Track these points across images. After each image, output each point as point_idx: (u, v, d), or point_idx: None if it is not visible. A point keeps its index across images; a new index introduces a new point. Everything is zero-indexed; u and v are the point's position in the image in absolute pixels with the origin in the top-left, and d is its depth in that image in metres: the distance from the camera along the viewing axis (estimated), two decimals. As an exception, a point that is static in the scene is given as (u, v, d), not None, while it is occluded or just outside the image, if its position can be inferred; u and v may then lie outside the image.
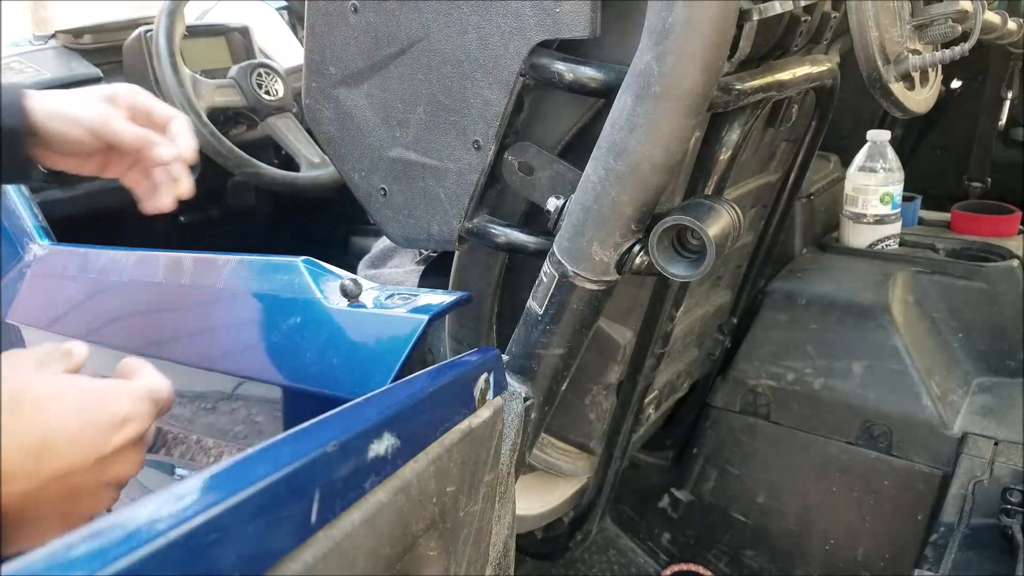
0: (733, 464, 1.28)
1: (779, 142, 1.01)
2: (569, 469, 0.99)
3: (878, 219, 1.40)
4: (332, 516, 0.40)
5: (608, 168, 0.56)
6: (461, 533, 0.56)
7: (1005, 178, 1.67)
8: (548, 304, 0.64)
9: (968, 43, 0.75)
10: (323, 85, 0.76)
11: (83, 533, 0.31)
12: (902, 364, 1.17)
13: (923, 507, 1.12)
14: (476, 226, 0.74)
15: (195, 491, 0.34)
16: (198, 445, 0.71)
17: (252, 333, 0.80)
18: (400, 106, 0.73)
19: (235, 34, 1.56)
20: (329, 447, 0.40)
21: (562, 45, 0.66)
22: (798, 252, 1.44)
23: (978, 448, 1.09)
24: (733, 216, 0.60)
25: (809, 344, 1.24)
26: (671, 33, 0.50)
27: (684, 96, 0.52)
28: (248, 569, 0.35)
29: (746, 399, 1.27)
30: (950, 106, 1.74)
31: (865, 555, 1.17)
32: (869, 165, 1.38)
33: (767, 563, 1.25)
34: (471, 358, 0.59)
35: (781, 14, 0.66)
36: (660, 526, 1.35)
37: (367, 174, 0.78)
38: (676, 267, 0.59)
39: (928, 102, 0.80)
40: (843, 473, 1.18)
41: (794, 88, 0.82)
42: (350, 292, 0.74)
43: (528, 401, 0.67)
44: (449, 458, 0.52)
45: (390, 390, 0.51)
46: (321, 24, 0.74)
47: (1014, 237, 1.43)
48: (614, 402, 0.96)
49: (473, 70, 0.68)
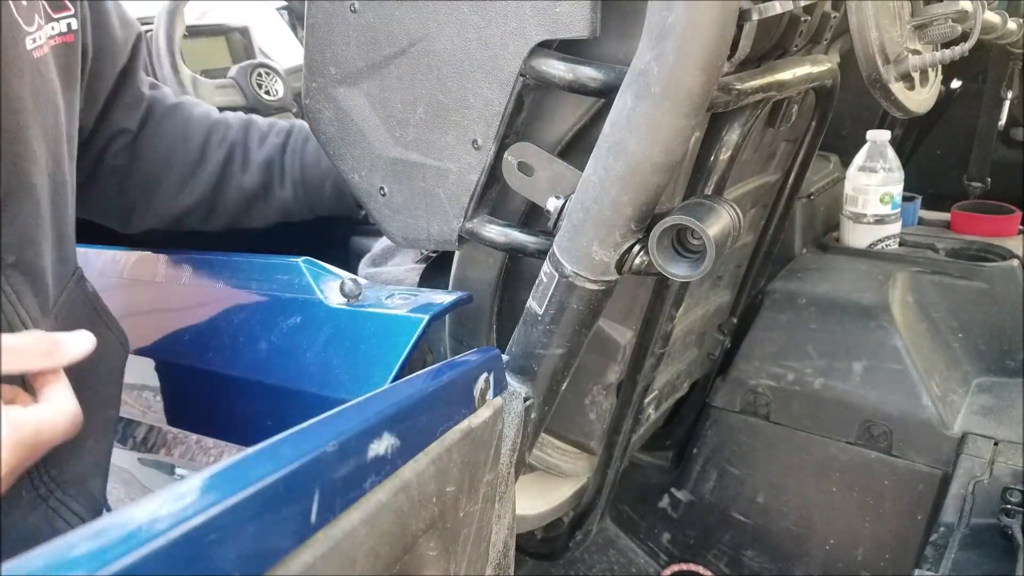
0: (733, 464, 1.28)
1: (779, 142, 1.01)
2: (569, 469, 0.99)
3: (878, 219, 1.40)
4: (332, 516, 0.40)
5: (608, 168, 0.56)
6: (461, 533, 0.56)
7: (1005, 178, 1.67)
8: (548, 304, 0.64)
9: (968, 43, 0.75)
10: (323, 85, 0.76)
11: (83, 533, 0.31)
12: (902, 364, 1.17)
13: (923, 507, 1.12)
14: (476, 226, 0.74)
15: (195, 491, 0.34)
16: (198, 445, 0.71)
17: (252, 333, 0.80)
18: (400, 106, 0.73)
19: (235, 34, 1.56)
20: (329, 447, 0.40)
21: (562, 45, 0.65)
22: (798, 252, 1.44)
23: (978, 448, 1.09)
24: (733, 216, 0.60)
25: (809, 344, 1.24)
26: (671, 33, 0.50)
27: (684, 96, 0.52)
28: (248, 569, 0.34)
29: (746, 399, 1.27)
30: (950, 106, 1.74)
31: (865, 555, 1.17)
32: (869, 165, 1.38)
33: (767, 563, 1.25)
34: (471, 358, 0.59)
35: (781, 14, 0.66)
36: (660, 526, 1.35)
37: (367, 174, 0.78)
38: (676, 267, 0.59)
39: (928, 102, 0.80)
40: (843, 473, 1.18)
41: (794, 88, 0.82)
42: (350, 292, 0.75)
43: (528, 401, 0.67)
44: (449, 458, 0.52)
45: (390, 390, 0.51)
46: (321, 24, 0.74)
47: (1014, 237, 1.43)
48: (614, 402, 0.96)
49: (473, 70, 0.68)
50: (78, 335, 0.53)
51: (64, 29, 0.68)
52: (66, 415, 0.49)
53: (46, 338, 0.51)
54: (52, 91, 0.66)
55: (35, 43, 0.63)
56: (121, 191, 0.89)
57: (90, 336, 0.53)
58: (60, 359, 0.51)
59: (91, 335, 0.53)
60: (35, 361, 0.50)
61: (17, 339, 0.50)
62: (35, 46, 0.63)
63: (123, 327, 0.79)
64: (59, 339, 0.52)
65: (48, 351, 0.51)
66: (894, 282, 1.27)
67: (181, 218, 0.93)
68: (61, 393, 0.50)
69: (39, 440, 0.46)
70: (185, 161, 0.89)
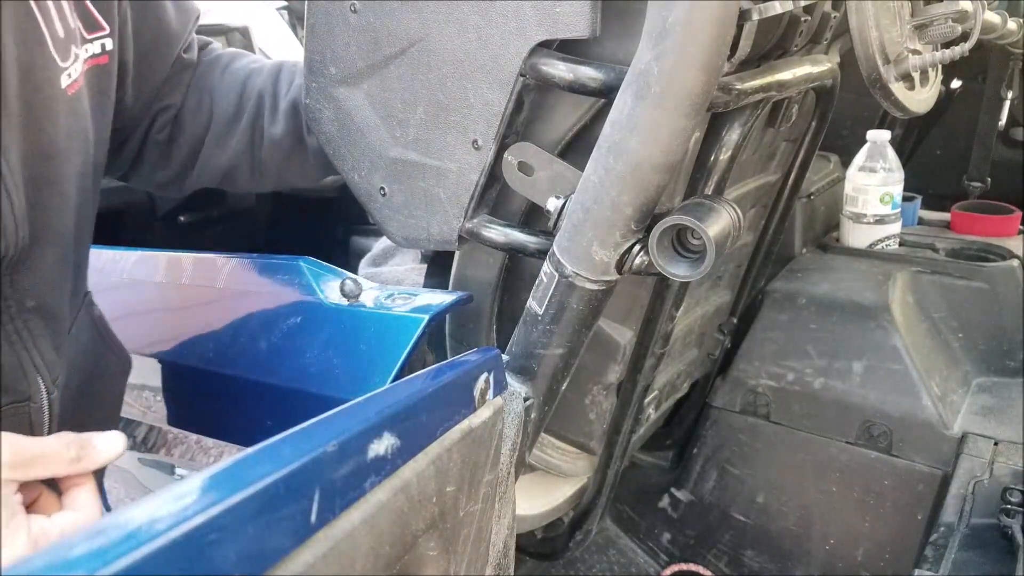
0: (733, 464, 1.28)
1: (779, 142, 1.01)
2: (569, 469, 0.99)
3: (878, 219, 1.40)
4: (332, 516, 0.40)
5: (608, 168, 0.56)
6: (461, 533, 0.56)
7: (1005, 178, 1.67)
8: (548, 304, 0.64)
9: (968, 43, 0.75)
10: (323, 85, 0.76)
11: (83, 533, 0.31)
12: (902, 364, 1.17)
13: (923, 507, 1.12)
14: (476, 226, 0.74)
15: (195, 491, 0.34)
16: (198, 445, 0.71)
17: (252, 333, 0.80)
18: (400, 106, 0.73)
19: (235, 34, 1.57)
20: (329, 447, 0.40)
21: (562, 45, 0.66)
22: (798, 252, 1.44)
23: (978, 448, 1.09)
24: (733, 216, 0.60)
25: (809, 344, 1.24)
26: (671, 33, 0.50)
27: (684, 96, 0.52)
28: (248, 569, 0.34)
29: (746, 399, 1.27)
30: (950, 106, 1.74)
31: (865, 555, 1.17)
32: (869, 165, 1.38)
33: (767, 563, 1.25)
34: (471, 358, 0.59)
35: (781, 14, 0.66)
36: (660, 526, 1.35)
37: (367, 174, 0.78)
38: (676, 267, 0.59)
39: (928, 102, 0.80)
40: (843, 473, 1.18)
41: (794, 88, 0.82)
42: (350, 292, 0.75)
43: (528, 401, 0.67)
44: (449, 458, 0.52)
45: (390, 390, 0.51)
46: (321, 24, 0.74)
47: (1014, 237, 1.43)
48: (614, 402, 0.96)
49: (473, 70, 0.68)
50: (108, 437, 0.51)
51: (98, 50, 0.66)
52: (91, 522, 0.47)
53: (76, 442, 0.49)
54: (84, 127, 0.65)
55: (70, 78, 0.61)
56: (166, 161, 0.86)
57: (120, 437, 0.51)
58: (89, 465, 0.49)
59: (121, 436, 0.51)
60: (64, 468, 0.48)
61: (47, 444, 0.48)
62: (70, 82, 0.61)
63: (123, 327, 0.79)
64: (89, 443, 0.50)
65: (77, 457, 0.48)
66: (894, 282, 1.27)
67: (230, 175, 0.88)
68: (87, 499, 0.48)
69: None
70: (222, 120, 0.86)
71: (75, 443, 0.49)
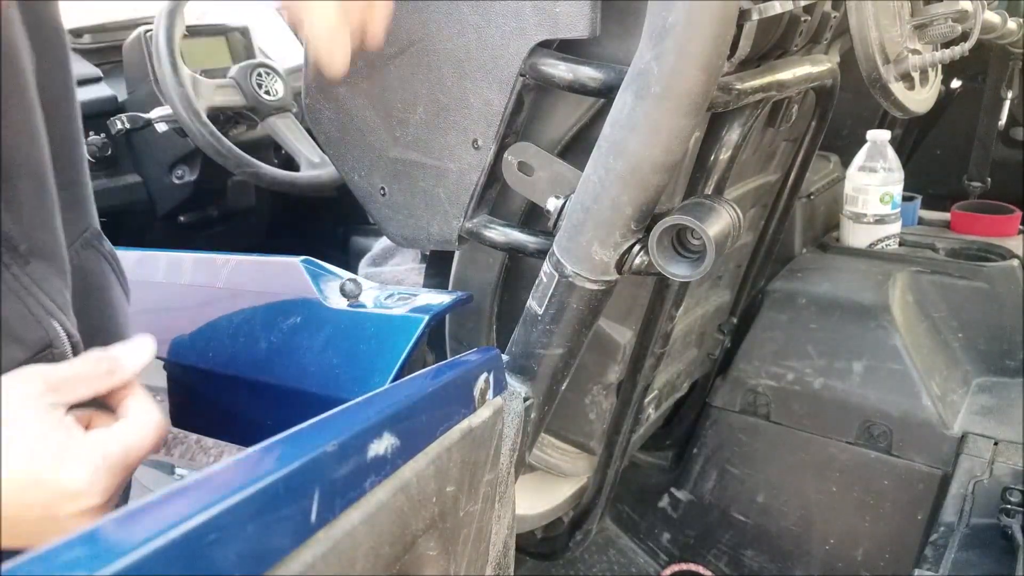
0: (733, 464, 1.28)
1: (779, 142, 1.01)
2: (569, 469, 0.99)
3: (878, 219, 1.40)
4: (332, 516, 0.40)
5: (608, 168, 0.56)
6: (461, 533, 0.56)
7: (1005, 178, 1.67)
8: (548, 304, 0.64)
9: (968, 43, 0.75)
10: (323, 85, 0.76)
11: (83, 533, 0.31)
12: (902, 364, 1.17)
13: (923, 507, 1.12)
14: (476, 226, 0.74)
15: (195, 491, 0.34)
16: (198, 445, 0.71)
17: (252, 333, 0.80)
18: (400, 106, 0.73)
19: (235, 34, 1.57)
20: (329, 447, 0.40)
21: (562, 45, 0.66)
22: (798, 252, 1.44)
23: (978, 448, 1.09)
24: (733, 216, 0.60)
25: (809, 344, 1.24)
26: (671, 33, 0.50)
27: (684, 96, 0.52)
28: (248, 569, 0.34)
29: (746, 399, 1.27)
30: (950, 106, 1.75)
31: (865, 555, 1.17)
32: (869, 165, 1.38)
33: (767, 563, 1.25)
34: (471, 358, 0.59)
35: (781, 14, 0.66)
36: (660, 526, 1.35)
37: (367, 174, 0.78)
38: (676, 267, 0.59)
39: (928, 102, 0.80)
40: (843, 473, 1.18)
41: (794, 88, 0.82)
42: (350, 292, 0.75)
43: (528, 401, 0.67)
44: (449, 458, 0.52)
45: (390, 390, 0.51)
46: (321, 24, 0.74)
47: (1014, 237, 1.43)
48: (614, 402, 0.96)
49: (473, 70, 0.68)
50: (135, 344, 0.50)
51: None
52: (150, 426, 0.46)
53: (105, 357, 0.49)
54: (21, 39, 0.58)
55: None
56: None
57: (148, 340, 0.50)
58: (124, 374, 0.49)
59: (149, 338, 0.51)
60: (101, 384, 0.48)
61: (76, 364, 0.48)
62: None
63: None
64: (117, 355, 0.49)
65: (109, 370, 0.48)
66: (894, 282, 1.27)
67: None
68: (141, 404, 0.48)
69: (129, 459, 0.44)
70: None
71: (104, 357, 0.49)
